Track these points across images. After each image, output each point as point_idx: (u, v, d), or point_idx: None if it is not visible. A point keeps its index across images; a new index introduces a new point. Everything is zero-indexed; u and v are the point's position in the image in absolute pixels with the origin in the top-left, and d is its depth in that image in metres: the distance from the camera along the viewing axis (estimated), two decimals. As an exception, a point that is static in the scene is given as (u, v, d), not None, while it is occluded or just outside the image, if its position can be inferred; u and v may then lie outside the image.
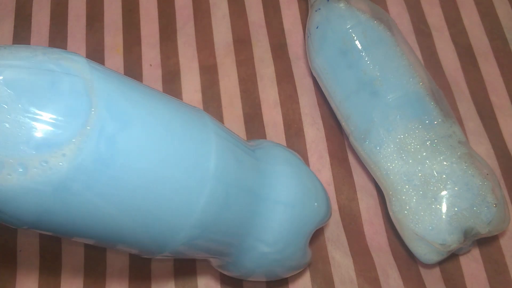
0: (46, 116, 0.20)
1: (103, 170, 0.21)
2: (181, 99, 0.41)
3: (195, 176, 0.24)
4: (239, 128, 0.40)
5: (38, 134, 0.20)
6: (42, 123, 0.20)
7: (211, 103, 0.40)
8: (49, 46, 0.43)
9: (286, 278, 0.35)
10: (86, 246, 0.36)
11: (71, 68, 0.21)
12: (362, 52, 0.35)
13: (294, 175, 0.30)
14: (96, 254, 0.36)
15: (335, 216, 0.37)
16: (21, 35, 0.43)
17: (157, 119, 0.23)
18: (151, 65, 0.42)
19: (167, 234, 0.24)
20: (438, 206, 0.32)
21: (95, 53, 0.42)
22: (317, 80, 0.39)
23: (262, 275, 0.31)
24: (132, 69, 0.42)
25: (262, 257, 0.29)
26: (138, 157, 0.22)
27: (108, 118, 0.21)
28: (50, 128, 0.20)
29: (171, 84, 0.41)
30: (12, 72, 0.20)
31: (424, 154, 0.33)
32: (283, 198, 0.29)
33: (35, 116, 0.20)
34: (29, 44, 0.43)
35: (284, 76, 0.41)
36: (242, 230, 0.27)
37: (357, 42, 0.35)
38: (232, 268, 0.30)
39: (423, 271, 0.36)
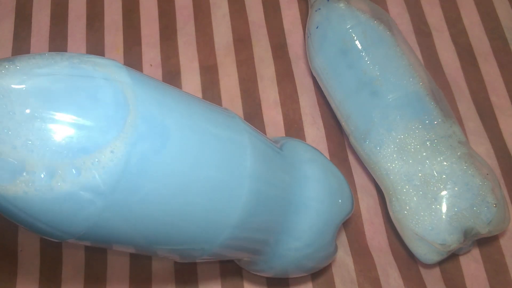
0: (86, 121, 0.19)
1: (148, 174, 0.21)
2: (181, 99, 0.41)
3: (234, 177, 0.24)
4: (239, 128, 0.40)
5: (85, 139, 0.19)
6: (82, 129, 0.19)
7: (211, 103, 0.40)
8: (49, 46, 0.43)
9: (287, 279, 0.35)
10: (87, 246, 0.36)
11: (109, 74, 0.21)
12: (362, 52, 0.35)
13: (321, 172, 0.30)
14: (96, 255, 0.36)
15: (335, 216, 0.37)
16: (21, 35, 0.43)
17: (193, 123, 0.23)
18: (151, 65, 0.42)
19: (210, 236, 0.24)
20: (438, 206, 0.33)
21: (95, 53, 0.42)
22: (317, 80, 0.39)
23: (291, 271, 0.31)
24: (132, 69, 0.42)
25: (294, 253, 0.29)
26: (179, 161, 0.22)
27: (147, 125, 0.21)
28: (94, 133, 0.19)
29: (171, 84, 0.41)
30: (49, 80, 0.19)
31: (424, 154, 0.33)
32: (313, 194, 0.29)
33: (74, 122, 0.19)
34: (29, 44, 0.43)
35: (284, 76, 0.41)
36: (277, 228, 0.28)
37: (357, 42, 0.35)
38: (264, 267, 0.31)
39: (423, 271, 0.36)
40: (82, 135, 0.19)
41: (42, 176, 0.19)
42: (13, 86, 0.19)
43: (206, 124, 0.24)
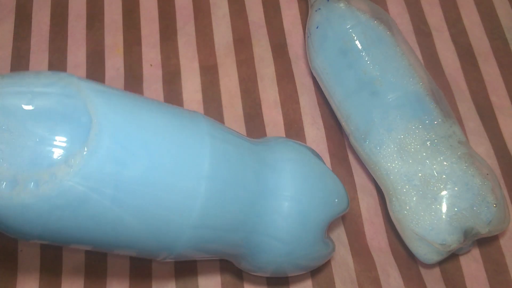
0: (52, 136, 0.22)
1: (105, 185, 0.22)
2: (182, 99, 0.41)
3: (190, 178, 0.25)
4: (239, 128, 0.40)
5: (46, 152, 0.22)
6: (48, 143, 0.22)
7: (212, 103, 0.41)
8: (49, 46, 0.43)
9: (287, 278, 0.35)
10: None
11: (69, 89, 0.23)
12: (362, 52, 0.35)
13: (298, 169, 0.30)
14: (97, 255, 0.36)
15: (336, 216, 0.37)
16: (21, 35, 0.43)
17: (153, 127, 0.25)
18: (151, 65, 0.42)
19: (170, 237, 0.25)
20: (438, 206, 0.33)
21: (95, 53, 0.42)
22: (317, 80, 0.39)
23: (282, 270, 0.31)
24: (132, 69, 0.42)
25: (276, 253, 0.29)
26: (136, 169, 0.23)
27: (108, 133, 0.23)
28: (57, 144, 0.22)
29: (171, 84, 0.41)
30: (16, 98, 0.22)
31: (424, 154, 0.33)
32: (288, 192, 0.29)
33: (41, 137, 0.22)
34: (29, 44, 0.43)
35: (284, 76, 0.41)
36: (247, 227, 0.28)
37: (357, 42, 0.35)
38: (250, 267, 0.31)
39: (423, 271, 0.36)
40: (43, 149, 0.22)
41: (3, 186, 0.21)
42: None
43: (164, 130, 0.25)
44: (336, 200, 0.31)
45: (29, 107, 0.22)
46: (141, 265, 0.36)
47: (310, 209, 0.29)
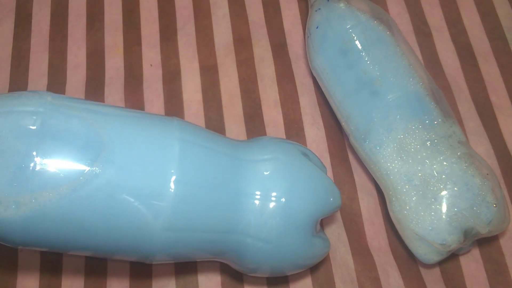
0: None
1: (81, 205, 0.25)
2: (182, 99, 0.41)
3: (158, 181, 0.26)
4: (239, 128, 0.40)
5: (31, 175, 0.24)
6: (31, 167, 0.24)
7: (212, 103, 0.41)
8: (49, 46, 0.43)
9: (287, 278, 0.35)
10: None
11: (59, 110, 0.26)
12: (362, 52, 0.35)
13: (278, 168, 0.30)
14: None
15: (336, 216, 0.37)
16: (21, 35, 0.43)
17: (128, 136, 0.27)
18: (151, 65, 0.42)
19: (146, 241, 0.27)
20: (438, 206, 0.33)
21: (95, 53, 0.42)
22: (317, 80, 0.39)
23: (276, 270, 0.31)
24: (132, 69, 0.42)
25: (261, 253, 0.29)
26: (107, 181, 0.25)
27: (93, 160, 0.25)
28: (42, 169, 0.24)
29: (171, 84, 0.41)
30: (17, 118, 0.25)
31: (424, 154, 0.33)
32: (266, 193, 0.29)
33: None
34: (29, 44, 0.43)
35: (284, 76, 0.41)
36: (226, 228, 0.28)
37: (357, 42, 0.35)
38: (241, 268, 0.31)
39: (423, 271, 0.36)
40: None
41: None
42: None
43: (134, 138, 0.27)
44: (327, 198, 0.31)
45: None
46: (142, 265, 0.36)
47: (292, 208, 0.29)
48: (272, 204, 0.29)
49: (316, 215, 0.30)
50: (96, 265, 0.36)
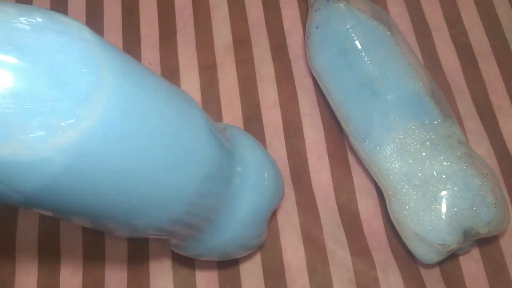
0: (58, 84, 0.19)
1: (109, 141, 0.20)
2: (181, 99, 0.41)
3: (192, 159, 0.25)
4: (238, 128, 0.40)
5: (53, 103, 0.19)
6: (54, 92, 0.19)
7: (211, 103, 0.40)
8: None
9: (284, 278, 0.35)
10: (85, 244, 0.36)
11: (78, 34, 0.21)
12: (362, 52, 0.35)
13: (258, 158, 0.31)
14: (95, 253, 0.36)
15: (335, 216, 0.37)
16: (21, 35, 0.43)
17: (159, 100, 0.24)
18: (150, 64, 0.42)
19: (162, 211, 0.25)
20: (438, 206, 0.32)
21: (95, 53, 0.42)
22: (317, 80, 0.39)
23: (228, 253, 0.32)
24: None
25: (231, 234, 0.30)
26: (141, 135, 0.22)
27: (117, 95, 0.21)
28: (62, 95, 0.19)
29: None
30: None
31: (424, 154, 0.33)
32: (253, 180, 0.30)
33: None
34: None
35: (284, 76, 0.41)
36: (219, 206, 0.29)
37: (357, 42, 0.35)
38: (202, 248, 0.31)
39: (423, 271, 0.36)
40: (54, 97, 0.19)
41: None
42: None
43: (166, 104, 0.25)
44: (277, 187, 0.32)
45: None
46: (140, 264, 0.36)
47: (264, 196, 0.30)
48: (250, 191, 0.30)
49: (273, 207, 0.32)
50: (94, 265, 0.36)
